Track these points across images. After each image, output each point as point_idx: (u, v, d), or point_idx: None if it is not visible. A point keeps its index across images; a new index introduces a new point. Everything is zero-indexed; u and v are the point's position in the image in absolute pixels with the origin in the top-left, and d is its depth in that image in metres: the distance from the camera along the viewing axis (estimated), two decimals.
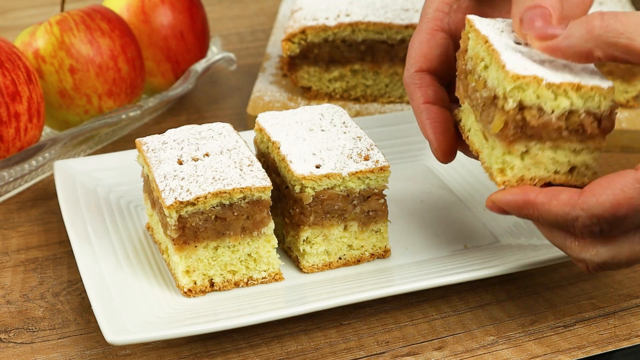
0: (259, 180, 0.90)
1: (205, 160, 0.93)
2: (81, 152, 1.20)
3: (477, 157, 0.88)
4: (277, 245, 0.93)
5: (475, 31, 0.85)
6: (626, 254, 0.80)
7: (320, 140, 0.96)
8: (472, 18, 0.87)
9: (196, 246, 0.90)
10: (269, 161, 0.98)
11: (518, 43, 0.84)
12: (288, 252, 0.98)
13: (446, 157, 0.91)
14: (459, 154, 0.93)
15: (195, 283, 0.91)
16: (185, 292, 0.91)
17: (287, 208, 0.94)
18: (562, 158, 0.82)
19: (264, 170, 0.92)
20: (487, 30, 0.85)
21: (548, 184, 0.83)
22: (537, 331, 0.90)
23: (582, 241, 0.81)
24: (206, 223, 0.89)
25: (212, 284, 0.92)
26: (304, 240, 0.94)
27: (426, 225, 1.03)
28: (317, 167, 0.92)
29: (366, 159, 0.93)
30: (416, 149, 1.15)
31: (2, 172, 1.06)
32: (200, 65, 1.28)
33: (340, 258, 0.96)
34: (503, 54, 0.81)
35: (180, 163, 0.93)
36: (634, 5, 1.44)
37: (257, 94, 1.29)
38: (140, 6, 1.24)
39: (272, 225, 0.92)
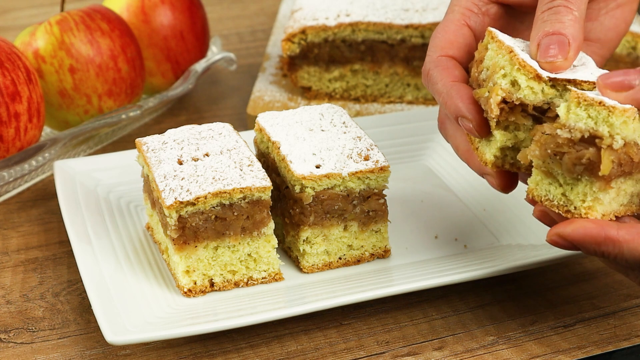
0: (259, 180, 0.90)
1: (205, 160, 0.93)
2: (81, 152, 1.20)
3: (479, 170, 0.87)
4: (277, 245, 0.93)
5: (518, 61, 0.81)
6: None
7: (320, 140, 0.96)
8: (501, 37, 0.84)
9: (196, 246, 0.90)
10: (269, 161, 0.98)
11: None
12: (288, 252, 0.98)
13: (483, 130, 0.84)
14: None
15: (195, 283, 0.91)
16: (185, 292, 0.91)
17: (287, 208, 0.94)
18: (630, 188, 0.80)
19: (264, 170, 0.92)
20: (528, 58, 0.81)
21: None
22: (537, 331, 0.90)
23: None
24: (206, 223, 0.89)
25: (212, 284, 0.92)
26: (304, 240, 0.94)
27: (426, 225, 1.02)
28: (317, 167, 0.92)
29: (366, 159, 0.93)
30: (416, 149, 1.15)
31: (2, 172, 1.06)
32: (200, 65, 1.28)
33: (340, 258, 0.96)
34: (589, 92, 0.77)
35: (180, 163, 0.93)
36: None
37: (257, 94, 1.29)
38: (140, 6, 1.24)
39: (272, 225, 0.92)
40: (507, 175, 0.87)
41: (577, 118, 0.76)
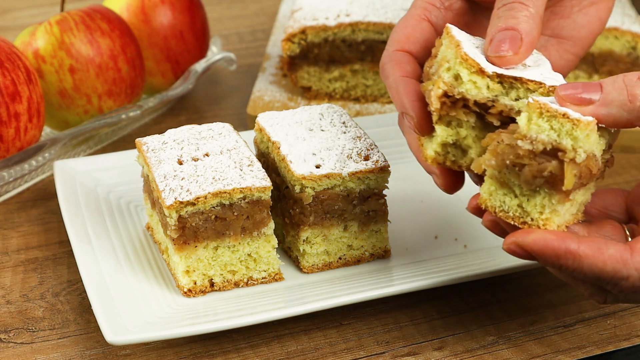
0: (259, 180, 0.90)
1: (205, 160, 0.93)
2: (81, 152, 1.20)
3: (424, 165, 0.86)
4: (277, 245, 0.93)
5: (460, 54, 0.79)
6: None
7: (320, 140, 0.96)
8: (454, 32, 0.82)
9: (196, 246, 0.90)
10: (269, 161, 0.98)
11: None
12: (288, 252, 0.98)
13: (425, 129, 0.83)
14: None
15: (195, 283, 0.91)
16: (185, 292, 0.91)
17: (287, 208, 0.94)
18: (580, 198, 0.78)
19: (264, 170, 0.92)
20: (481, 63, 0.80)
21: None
22: (537, 331, 0.90)
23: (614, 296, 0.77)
24: (206, 223, 0.89)
25: (212, 284, 0.92)
26: (304, 240, 0.94)
27: (426, 225, 1.02)
28: (317, 167, 0.92)
29: (366, 159, 0.93)
30: None
31: (2, 172, 1.06)
32: (200, 65, 1.28)
33: (340, 258, 0.96)
34: (551, 103, 0.75)
35: (180, 163, 0.93)
36: (634, 5, 1.44)
37: (257, 94, 1.29)
38: (140, 6, 1.24)
39: (272, 225, 0.92)
40: (451, 175, 0.86)
41: (539, 129, 0.74)
